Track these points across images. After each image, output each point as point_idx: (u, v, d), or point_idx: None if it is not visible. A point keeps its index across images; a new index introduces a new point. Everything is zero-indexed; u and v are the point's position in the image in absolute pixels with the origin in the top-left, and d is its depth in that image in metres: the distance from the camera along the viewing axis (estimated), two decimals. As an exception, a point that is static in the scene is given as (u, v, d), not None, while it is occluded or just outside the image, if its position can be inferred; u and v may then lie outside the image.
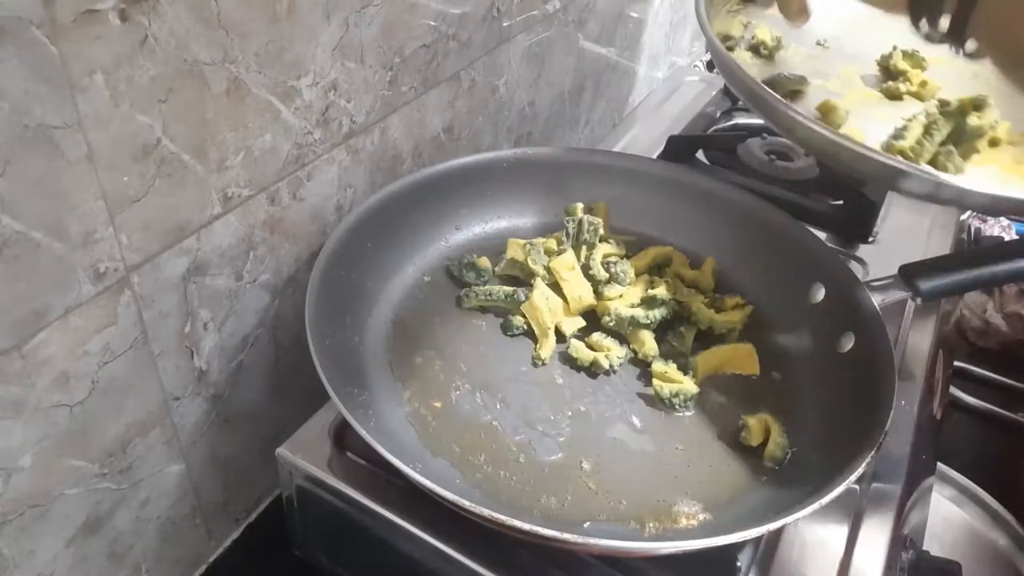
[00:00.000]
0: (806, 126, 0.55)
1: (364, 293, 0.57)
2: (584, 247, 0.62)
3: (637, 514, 0.46)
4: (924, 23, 0.43)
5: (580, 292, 0.59)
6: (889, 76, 0.69)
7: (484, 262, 0.61)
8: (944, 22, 0.42)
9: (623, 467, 0.49)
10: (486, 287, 0.60)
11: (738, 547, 0.47)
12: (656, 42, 1.06)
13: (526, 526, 0.39)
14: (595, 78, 0.93)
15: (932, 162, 0.61)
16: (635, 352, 0.57)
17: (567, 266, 0.60)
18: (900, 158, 0.54)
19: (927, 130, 0.63)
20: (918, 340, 0.64)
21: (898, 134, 0.65)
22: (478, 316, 0.59)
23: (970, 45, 0.42)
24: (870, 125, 0.64)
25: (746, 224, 0.63)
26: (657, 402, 0.53)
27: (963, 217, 0.82)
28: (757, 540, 0.48)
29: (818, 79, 0.67)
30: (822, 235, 0.61)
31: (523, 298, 0.58)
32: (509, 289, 0.59)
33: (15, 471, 0.40)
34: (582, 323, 0.58)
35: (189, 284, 0.47)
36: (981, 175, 0.62)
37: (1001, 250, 0.57)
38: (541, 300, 0.57)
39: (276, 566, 0.59)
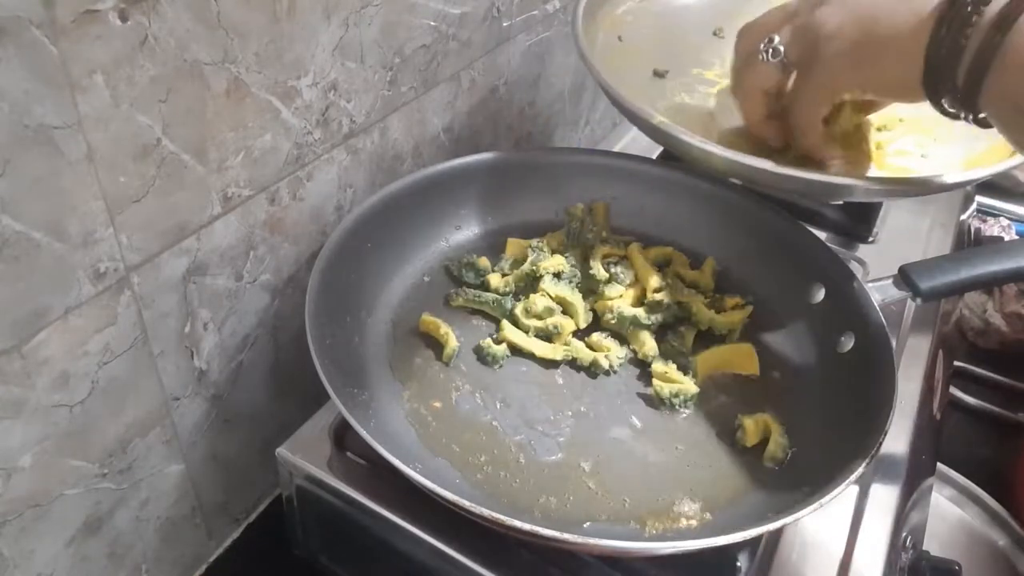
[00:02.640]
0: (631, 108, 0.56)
1: (364, 293, 0.57)
2: (584, 247, 0.62)
3: (637, 514, 0.46)
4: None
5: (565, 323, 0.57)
6: None
7: (484, 262, 0.61)
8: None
9: (623, 467, 0.49)
10: (474, 290, 0.59)
11: (738, 547, 0.47)
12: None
13: (526, 526, 0.39)
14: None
15: None
16: (635, 352, 0.57)
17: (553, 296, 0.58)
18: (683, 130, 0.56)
19: None
20: (918, 340, 0.64)
21: None
22: (477, 316, 0.59)
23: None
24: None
25: (746, 224, 0.63)
26: (657, 402, 0.53)
27: (963, 217, 0.82)
28: (757, 540, 0.48)
29: (698, 67, 0.67)
30: (822, 235, 0.61)
31: (509, 306, 0.58)
32: (495, 296, 0.59)
33: (15, 471, 0.40)
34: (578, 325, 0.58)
35: (189, 284, 0.47)
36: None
37: (1001, 250, 0.57)
38: (513, 332, 0.56)
39: (276, 566, 0.59)
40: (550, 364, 0.56)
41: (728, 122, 0.62)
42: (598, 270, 0.60)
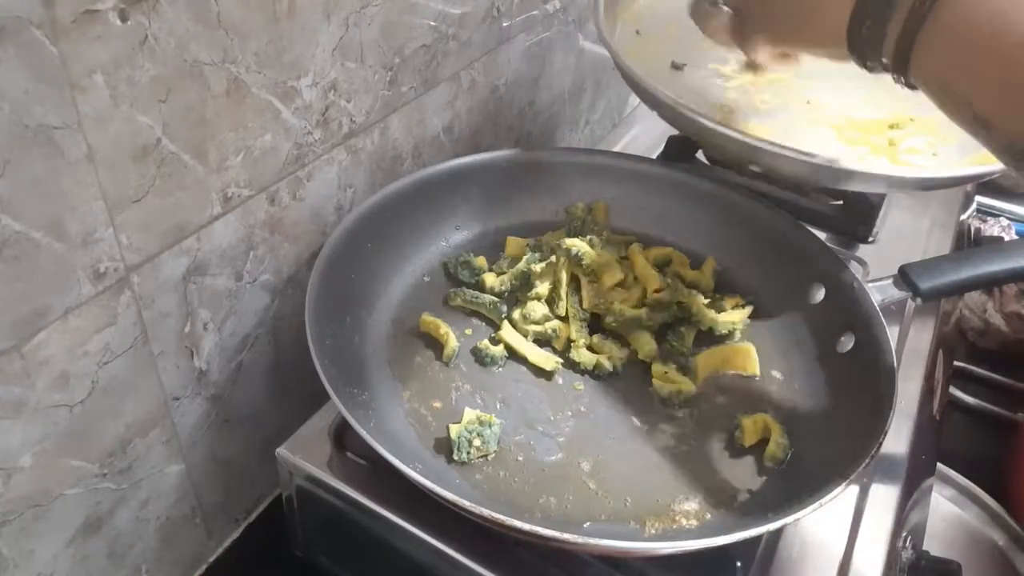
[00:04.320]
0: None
1: (364, 293, 0.57)
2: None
3: (637, 514, 0.46)
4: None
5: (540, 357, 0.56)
6: None
7: (480, 261, 0.61)
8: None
9: (623, 467, 0.49)
10: (473, 291, 0.59)
11: (738, 547, 0.47)
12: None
13: (526, 526, 0.39)
14: (595, 78, 0.93)
15: None
16: (635, 352, 0.57)
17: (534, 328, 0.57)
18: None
19: None
20: (918, 340, 0.64)
21: None
22: (477, 316, 0.59)
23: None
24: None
25: (746, 224, 0.63)
26: (657, 402, 0.53)
27: (963, 217, 0.82)
28: (757, 540, 0.48)
29: (714, 62, 0.69)
30: (822, 235, 0.61)
31: (504, 310, 0.58)
32: (493, 298, 0.59)
33: (15, 471, 0.40)
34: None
35: (189, 284, 0.47)
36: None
37: (1001, 250, 0.57)
38: (511, 333, 0.57)
39: (276, 566, 0.59)
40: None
41: (743, 115, 0.63)
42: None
